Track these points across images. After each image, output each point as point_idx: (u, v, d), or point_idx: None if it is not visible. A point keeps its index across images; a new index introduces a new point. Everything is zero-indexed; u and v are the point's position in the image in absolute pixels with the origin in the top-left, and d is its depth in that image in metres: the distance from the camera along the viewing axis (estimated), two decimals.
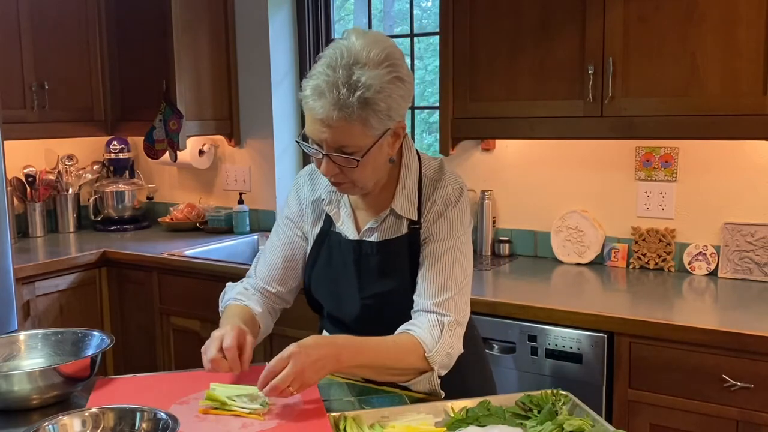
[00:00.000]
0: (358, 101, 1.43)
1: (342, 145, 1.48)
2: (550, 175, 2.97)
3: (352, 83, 1.43)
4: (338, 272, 1.68)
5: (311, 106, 1.45)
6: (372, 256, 1.64)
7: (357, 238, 1.66)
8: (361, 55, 1.44)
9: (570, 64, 2.52)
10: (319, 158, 1.54)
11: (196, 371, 1.70)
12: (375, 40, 1.48)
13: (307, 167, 1.81)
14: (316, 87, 1.44)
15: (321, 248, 1.71)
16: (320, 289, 1.74)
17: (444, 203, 1.62)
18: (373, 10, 3.59)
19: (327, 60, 1.46)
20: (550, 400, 1.45)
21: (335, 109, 1.43)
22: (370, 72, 1.43)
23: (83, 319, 3.23)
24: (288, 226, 1.78)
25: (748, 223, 2.60)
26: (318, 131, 1.48)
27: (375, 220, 1.65)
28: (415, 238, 1.63)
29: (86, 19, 3.57)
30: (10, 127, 3.09)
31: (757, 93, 2.24)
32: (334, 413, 1.42)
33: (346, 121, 1.44)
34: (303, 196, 1.76)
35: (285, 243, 1.77)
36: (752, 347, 2.03)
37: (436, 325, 1.55)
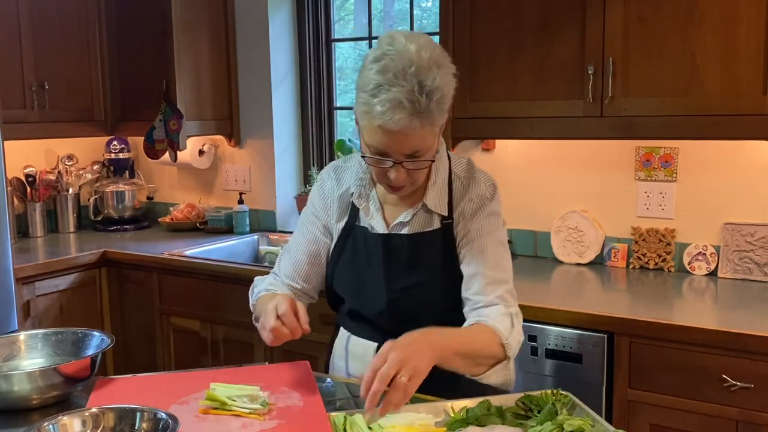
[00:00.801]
0: (436, 105, 1.44)
1: (416, 150, 1.49)
2: (550, 175, 2.97)
3: (426, 89, 1.43)
4: (364, 266, 1.68)
5: (385, 120, 1.43)
6: (402, 250, 1.65)
7: (386, 231, 1.66)
8: (423, 59, 1.44)
9: (570, 64, 2.52)
10: (384, 167, 1.52)
11: (196, 371, 1.70)
12: (426, 41, 1.49)
13: (331, 165, 1.80)
14: (394, 100, 1.42)
15: (346, 242, 1.71)
16: (344, 284, 1.73)
17: (480, 200, 1.65)
18: (373, 10, 3.59)
19: (391, 70, 1.43)
20: (550, 400, 1.45)
21: (416, 118, 1.43)
22: (436, 74, 1.44)
23: (83, 319, 3.23)
24: (312, 222, 1.77)
25: (748, 223, 2.60)
26: (394, 142, 1.47)
27: (406, 214, 1.65)
28: (449, 233, 1.65)
29: (86, 19, 3.57)
30: (10, 127, 3.09)
31: (757, 93, 2.24)
32: (334, 413, 1.42)
33: (423, 127, 1.45)
34: (327, 191, 1.75)
35: (309, 240, 1.76)
36: (752, 347, 2.03)
37: (506, 315, 1.58)
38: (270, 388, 1.55)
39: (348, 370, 1.77)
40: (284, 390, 1.56)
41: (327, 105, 3.72)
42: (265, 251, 3.51)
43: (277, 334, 1.50)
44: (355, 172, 1.72)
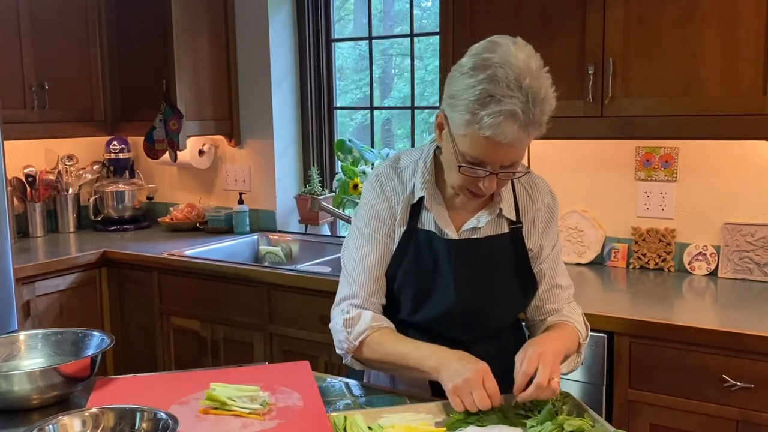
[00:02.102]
0: (545, 116, 1.44)
1: (515, 161, 1.48)
2: (550, 175, 2.95)
3: (538, 100, 1.40)
4: (428, 272, 1.62)
5: (495, 133, 1.39)
6: (474, 255, 1.62)
7: (456, 236, 1.62)
8: (532, 69, 1.41)
9: (570, 64, 2.52)
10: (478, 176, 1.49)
11: (196, 371, 1.70)
12: (530, 50, 1.46)
13: (385, 165, 1.69)
14: (506, 112, 1.38)
15: (408, 246, 1.64)
16: (405, 290, 1.65)
17: (548, 209, 1.70)
18: (373, 10, 3.59)
19: (503, 80, 1.39)
20: (550, 400, 1.45)
21: (526, 129, 1.41)
22: (544, 84, 1.43)
23: (83, 319, 3.23)
24: (381, 230, 1.65)
25: (748, 223, 2.60)
26: (497, 155, 1.45)
27: (477, 219, 1.62)
28: (518, 238, 1.65)
29: (86, 19, 3.57)
30: (10, 127, 3.09)
31: (757, 93, 2.24)
32: (334, 413, 1.42)
33: (528, 138, 1.44)
34: (391, 194, 1.65)
35: (381, 251, 1.65)
36: (752, 347, 2.03)
37: (580, 314, 1.72)
38: (270, 388, 1.55)
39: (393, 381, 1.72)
40: (284, 390, 1.56)
41: (327, 105, 3.72)
42: (265, 251, 3.51)
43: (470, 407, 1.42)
44: (417, 173, 1.64)
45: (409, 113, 3.55)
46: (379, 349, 1.58)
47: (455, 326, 1.63)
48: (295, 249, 3.53)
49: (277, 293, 2.90)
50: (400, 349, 1.56)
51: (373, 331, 1.60)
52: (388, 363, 1.59)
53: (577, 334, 1.66)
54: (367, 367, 1.66)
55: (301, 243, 3.53)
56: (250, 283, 2.96)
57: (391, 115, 3.92)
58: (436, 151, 1.64)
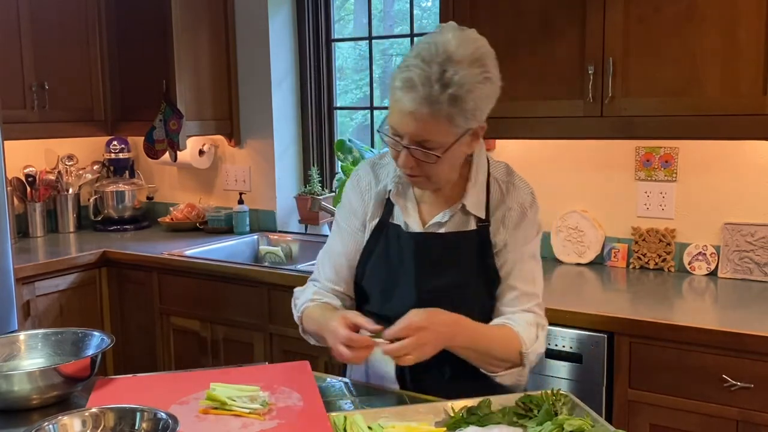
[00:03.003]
0: (448, 98, 1.43)
1: (424, 139, 1.48)
2: (550, 175, 2.97)
3: (445, 80, 1.42)
4: (395, 265, 1.66)
5: (399, 98, 1.45)
6: (436, 250, 1.63)
7: (421, 230, 1.64)
8: (456, 52, 1.44)
9: (570, 64, 2.51)
10: (397, 150, 1.53)
11: (196, 371, 1.70)
12: (470, 38, 1.48)
13: (366, 161, 1.78)
14: (408, 79, 1.43)
15: (378, 240, 1.68)
16: (373, 283, 1.70)
17: (520, 209, 1.65)
18: (373, 10, 3.59)
19: (421, 53, 1.45)
20: (550, 400, 1.45)
21: (425, 103, 1.43)
22: (464, 70, 1.44)
23: (83, 319, 3.23)
24: (350, 221, 1.73)
25: (748, 223, 2.60)
26: (403, 123, 1.48)
27: (443, 214, 1.64)
28: (485, 236, 1.64)
29: (86, 19, 3.57)
30: (10, 127, 3.09)
31: (757, 93, 2.24)
32: (334, 413, 1.42)
33: (433, 117, 1.45)
34: (364, 188, 1.72)
35: (348, 242, 1.73)
36: (752, 347, 2.03)
37: (533, 325, 1.62)
38: (270, 388, 1.55)
39: (368, 371, 1.74)
40: (284, 390, 1.56)
41: (327, 105, 3.72)
42: (265, 251, 3.51)
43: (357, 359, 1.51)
44: (393, 169, 1.68)
45: None
46: (309, 318, 1.69)
47: None
48: (295, 249, 3.53)
49: (277, 293, 2.90)
50: (317, 318, 1.65)
51: (311, 303, 1.70)
52: (313, 331, 1.68)
53: (517, 340, 1.58)
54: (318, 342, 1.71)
55: (301, 243, 3.53)
56: (250, 283, 2.96)
57: None
58: None
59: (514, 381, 1.61)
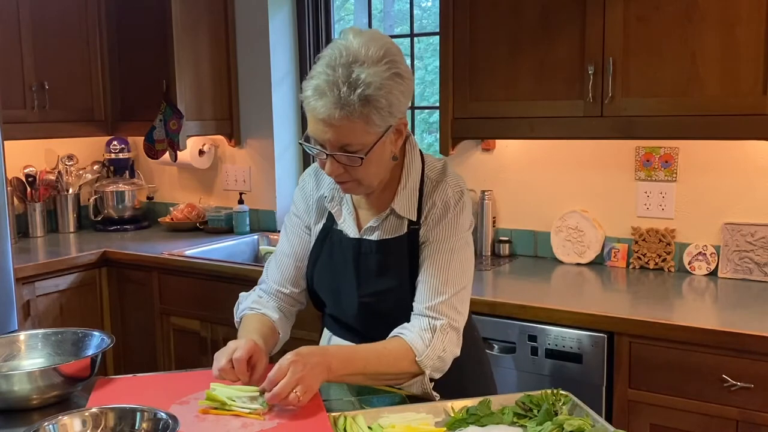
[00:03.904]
0: (359, 99, 1.43)
1: (345, 143, 1.48)
2: (550, 175, 2.97)
3: (352, 81, 1.43)
4: (339, 270, 1.69)
5: (313, 106, 1.46)
6: (371, 255, 1.64)
7: (357, 236, 1.66)
8: (359, 53, 1.45)
9: (570, 64, 2.52)
10: (323, 159, 1.54)
11: (196, 371, 1.70)
12: (372, 38, 1.48)
13: (312, 165, 1.79)
14: (317, 87, 1.45)
15: (323, 245, 1.71)
16: (322, 286, 1.73)
17: (443, 206, 1.62)
18: (373, 10, 3.59)
19: (326, 59, 1.46)
20: (550, 400, 1.45)
21: (337, 107, 1.43)
22: (370, 69, 1.44)
23: (83, 319, 3.23)
24: (296, 224, 1.77)
25: (748, 223, 2.60)
26: (321, 131, 1.48)
27: (376, 219, 1.65)
28: (415, 238, 1.63)
29: (86, 19, 3.57)
30: (10, 127, 3.09)
31: (757, 93, 2.24)
32: (334, 413, 1.42)
33: (348, 120, 1.45)
34: (308, 193, 1.76)
35: (294, 243, 1.77)
36: (752, 347, 2.03)
37: (427, 329, 1.56)
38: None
39: None
40: None
41: None
42: (265, 251, 3.51)
43: (223, 374, 1.49)
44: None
45: (409, 113, 3.55)
46: (241, 328, 1.71)
47: (367, 323, 1.67)
48: None
49: None
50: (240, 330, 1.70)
51: (250, 311, 1.73)
52: None
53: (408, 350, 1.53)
54: None
55: None
56: (250, 283, 2.92)
57: None
58: None
59: (420, 389, 1.57)
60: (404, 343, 1.55)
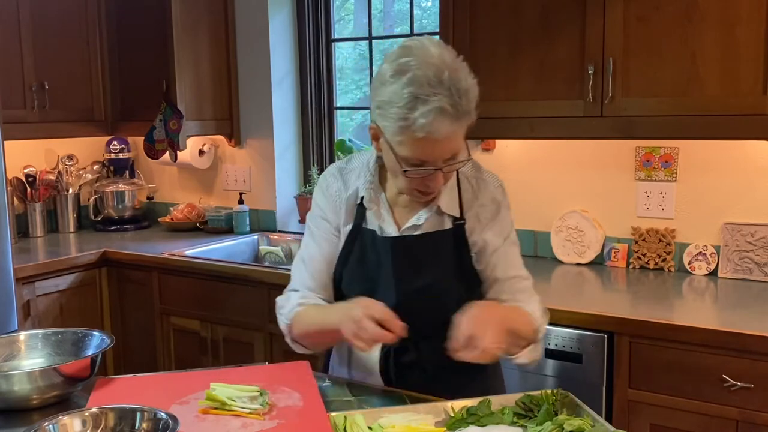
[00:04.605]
0: (472, 105, 1.46)
1: (455, 153, 1.50)
2: (550, 175, 2.97)
3: (462, 90, 1.44)
4: (373, 270, 1.66)
5: (429, 131, 1.42)
6: (414, 252, 1.63)
7: (398, 234, 1.64)
8: (447, 62, 1.46)
9: (570, 64, 2.51)
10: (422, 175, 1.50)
11: (196, 371, 1.71)
12: (441, 44, 1.51)
13: (333, 167, 1.76)
14: (437, 109, 1.41)
15: (353, 246, 1.68)
16: (352, 287, 1.69)
17: (494, 204, 1.68)
18: (373, 10, 3.59)
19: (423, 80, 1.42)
20: (550, 400, 1.45)
21: (457, 121, 1.44)
22: (463, 73, 1.46)
23: (83, 319, 3.23)
24: (325, 228, 1.72)
25: (748, 223, 2.60)
26: (435, 151, 1.47)
27: (418, 216, 1.64)
28: (461, 234, 1.65)
29: (86, 19, 3.57)
30: (10, 127, 3.08)
31: (757, 93, 2.24)
32: (334, 413, 1.42)
33: (460, 129, 1.47)
34: (334, 194, 1.71)
35: (324, 247, 1.71)
36: (752, 347, 2.03)
37: (537, 302, 1.68)
38: (270, 388, 1.55)
39: (351, 369, 1.75)
40: (284, 390, 1.56)
41: (327, 105, 3.72)
42: (265, 251, 3.51)
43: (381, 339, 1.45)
44: (362, 174, 1.68)
45: None
46: (303, 320, 1.66)
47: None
48: (295, 249, 3.52)
49: (277, 293, 2.85)
50: (315, 316, 1.64)
51: (300, 306, 1.68)
52: (312, 335, 1.65)
53: (530, 318, 1.62)
54: (307, 348, 1.70)
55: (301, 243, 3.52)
56: (250, 283, 2.96)
57: None
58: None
59: (530, 358, 1.63)
60: (527, 312, 1.63)
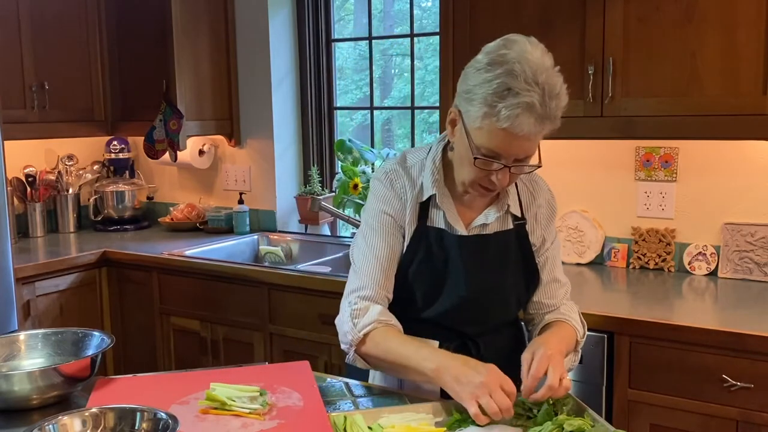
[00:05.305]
0: (560, 109, 1.48)
1: (529, 154, 1.51)
2: (550, 175, 2.95)
3: (554, 94, 1.45)
4: (439, 268, 1.64)
5: (513, 125, 1.43)
6: (484, 250, 1.65)
7: (465, 233, 1.65)
8: (546, 65, 1.46)
9: (570, 64, 2.51)
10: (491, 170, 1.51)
11: (196, 371, 1.70)
12: (542, 47, 1.51)
13: (394, 162, 1.71)
14: (523, 104, 1.42)
15: (419, 245, 1.65)
16: (417, 287, 1.66)
17: (549, 206, 1.75)
18: (373, 10, 3.59)
19: (520, 75, 1.43)
20: (550, 400, 1.45)
21: (542, 122, 1.45)
22: (558, 80, 1.48)
23: (83, 319, 3.23)
24: (391, 224, 1.66)
25: (748, 223, 2.60)
26: (513, 147, 1.48)
27: (486, 215, 1.66)
28: (523, 233, 1.70)
29: (86, 19, 3.57)
30: (10, 127, 3.09)
31: (757, 93, 2.24)
32: (334, 413, 1.42)
33: (543, 131, 1.48)
34: (400, 190, 1.66)
35: (393, 244, 1.65)
36: (752, 347, 2.03)
37: (577, 312, 1.74)
38: (270, 388, 1.55)
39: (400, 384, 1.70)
40: (284, 390, 1.56)
41: (327, 105, 3.72)
42: (265, 251, 3.51)
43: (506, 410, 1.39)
44: (425, 171, 1.66)
45: (409, 113, 3.55)
46: (382, 344, 1.56)
47: (464, 320, 1.67)
48: (295, 249, 3.53)
49: (277, 293, 2.90)
50: (402, 348, 1.55)
51: (380, 325, 1.58)
52: (389, 362, 1.57)
53: (575, 332, 1.70)
54: (369, 365, 1.63)
55: (301, 243, 3.53)
56: (250, 283, 2.96)
57: (391, 115, 3.92)
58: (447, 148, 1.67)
59: (569, 366, 1.67)
60: (571, 327, 1.69)
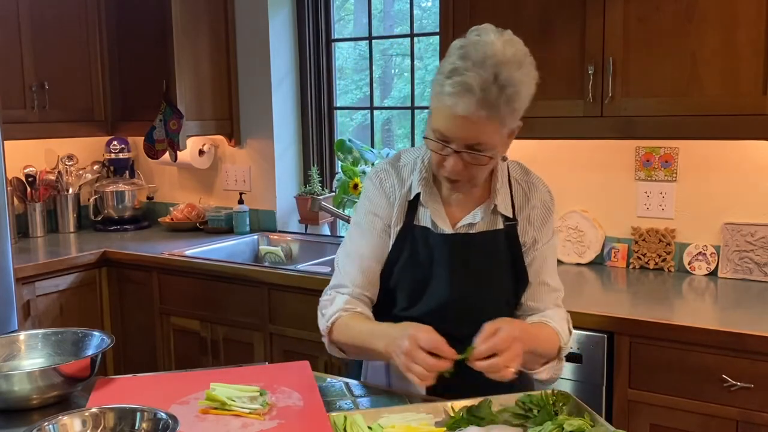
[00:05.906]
0: (505, 100, 1.45)
1: (477, 142, 1.49)
2: (550, 175, 2.94)
3: (500, 82, 1.43)
4: (425, 267, 1.64)
5: (453, 102, 1.44)
6: (469, 250, 1.64)
7: (452, 231, 1.65)
8: (505, 54, 1.45)
9: (570, 64, 2.51)
10: (443, 155, 1.52)
11: (196, 371, 1.70)
12: (512, 40, 1.51)
13: (386, 162, 1.73)
14: (463, 84, 1.43)
15: (404, 244, 1.66)
16: (401, 286, 1.67)
17: (544, 207, 1.71)
18: (373, 10, 3.59)
19: (470, 57, 1.45)
20: (550, 400, 1.45)
21: (482, 107, 1.43)
22: (514, 71, 1.46)
23: (83, 319, 3.23)
24: (376, 224, 1.68)
25: (748, 223, 2.60)
26: (456, 127, 1.47)
27: (473, 215, 1.65)
28: (513, 233, 1.67)
29: (86, 19, 3.57)
30: (10, 127, 3.08)
31: (757, 93, 2.24)
32: (334, 413, 1.42)
33: (488, 119, 1.46)
34: (389, 190, 1.68)
35: (375, 244, 1.67)
36: (752, 347, 2.03)
37: (565, 320, 1.69)
38: (270, 388, 1.55)
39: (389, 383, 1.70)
40: (284, 390, 1.56)
41: (327, 105, 3.72)
42: (265, 251, 3.51)
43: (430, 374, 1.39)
44: (416, 170, 1.67)
45: (409, 113, 3.55)
46: (346, 331, 1.62)
47: (449, 320, 1.63)
48: (295, 249, 3.53)
49: (277, 293, 2.90)
50: (359, 333, 1.59)
51: (345, 313, 1.63)
52: (356, 346, 1.61)
53: (557, 338, 1.63)
54: (343, 352, 1.67)
55: (301, 243, 3.53)
56: (250, 283, 2.96)
57: (391, 115, 3.92)
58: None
59: (551, 375, 1.64)
60: (553, 330, 1.63)
